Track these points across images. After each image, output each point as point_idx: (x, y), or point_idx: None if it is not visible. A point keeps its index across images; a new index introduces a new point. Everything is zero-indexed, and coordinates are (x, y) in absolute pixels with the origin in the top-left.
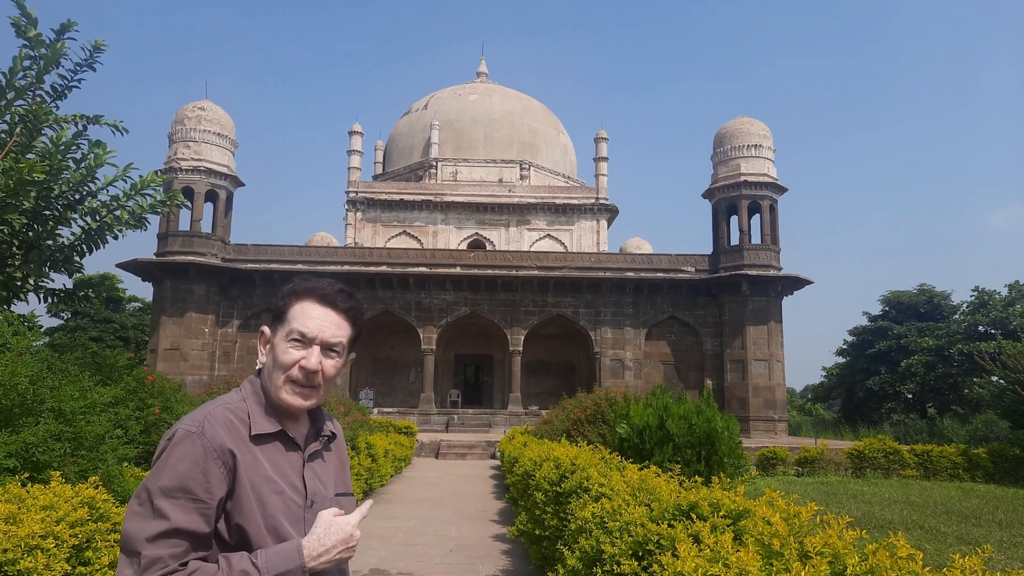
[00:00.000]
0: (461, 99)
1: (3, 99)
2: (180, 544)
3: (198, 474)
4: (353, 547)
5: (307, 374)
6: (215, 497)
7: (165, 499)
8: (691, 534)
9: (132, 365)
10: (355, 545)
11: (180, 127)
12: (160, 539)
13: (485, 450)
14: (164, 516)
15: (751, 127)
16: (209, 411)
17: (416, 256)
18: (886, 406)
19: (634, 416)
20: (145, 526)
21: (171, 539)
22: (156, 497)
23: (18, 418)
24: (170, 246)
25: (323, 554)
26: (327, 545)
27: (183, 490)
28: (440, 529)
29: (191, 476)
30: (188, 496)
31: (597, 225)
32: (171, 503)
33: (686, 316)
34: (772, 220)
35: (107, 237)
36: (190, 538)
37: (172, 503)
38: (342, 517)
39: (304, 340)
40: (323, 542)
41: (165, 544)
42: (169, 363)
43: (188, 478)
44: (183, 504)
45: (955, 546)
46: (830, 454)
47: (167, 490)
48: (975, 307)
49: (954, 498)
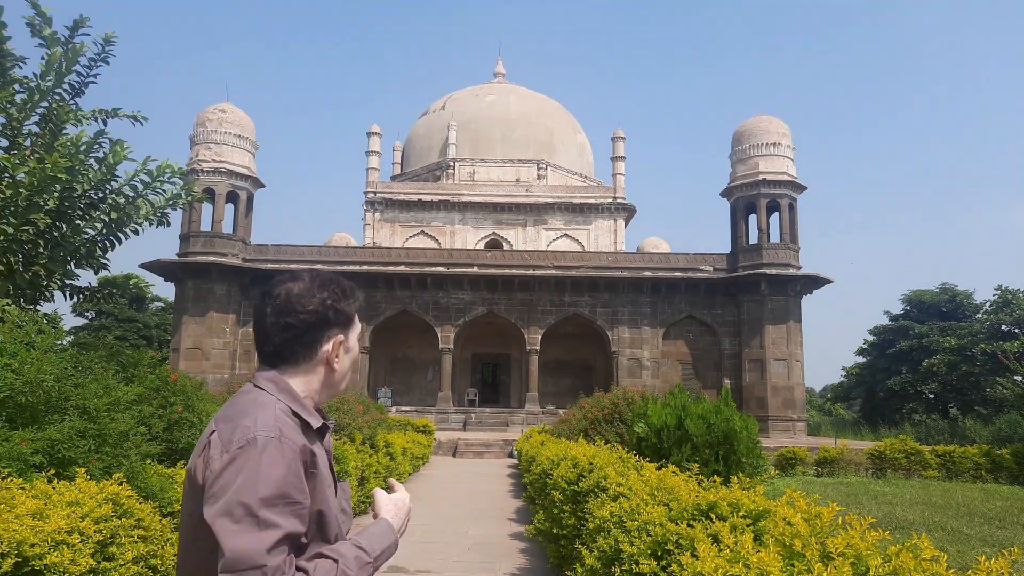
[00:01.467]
0: (478, 99)
1: (31, 102)
2: (287, 549)
3: (292, 477)
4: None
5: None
6: (307, 497)
7: (268, 509)
8: (710, 534)
9: (155, 363)
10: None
11: (201, 129)
12: (276, 547)
13: (502, 449)
14: (274, 525)
15: (770, 125)
16: (275, 414)
17: (434, 256)
18: (907, 406)
19: (652, 415)
20: (258, 539)
21: (283, 545)
22: (259, 509)
23: (44, 415)
24: (192, 247)
25: (401, 527)
26: (401, 518)
27: (282, 496)
28: (458, 527)
29: (287, 481)
30: (287, 501)
31: (614, 224)
32: (274, 512)
33: (704, 315)
34: (791, 219)
35: (128, 231)
36: (293, 542)
37: (275, 511)
38: (397, 494)
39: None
40: (399, 516)
41: (280, 552)
42: (191, 362)
43: (285, 483)
44: (283, 510)
45: (979, 548)
46: (850, 454)
47: (267, 500)
48: (998, 306)
49: (977, 499)
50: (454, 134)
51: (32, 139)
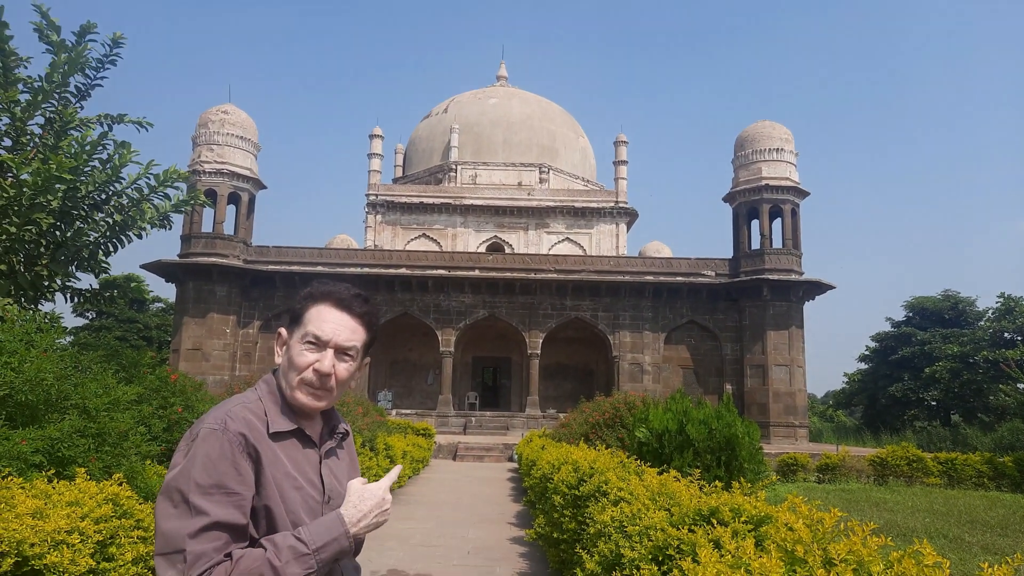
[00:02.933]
0: (481, 103)
1: (35, 102)
2: (221, 537)
3: (229, 468)
4: (387, 511)
5: (320, 377)
6: (249, 488)
7: (200, 496)
8: (712, 539)
9: (155, 364)
10: (388, 509)
11: (204, 130)
12: (202, 533)
13: (503, 453)
14: (203, 512)
15: (772, 130)
16: (228, 409)
17: (435, 259)
18: (909, 413)
19: (653, 420)
20: (185, 524)
21: (212, 532)
22: (191, 495)
23: (43, 414)
24: (193, 248)
25: (361, 519)
26: (363, 511)
27: (217, 485)
28: (458, 531)
29: (223, 471)
30: (222, 490)
31: (616, 228)
32: (207, 499)
33: (706, 320)
34: (794, 224)
35: (131, 235)
36: (230, 530)
37: (208, 499)
38: (372, 484)
39: (319, 343)
40: (360, 508)
41: (207, 538)
42: (191, 363)
43: (220, 472)
44: (219, 499)
45: (981, 556)
46: (852, 461)
47: (201, 487)
48: (1001, 313)
49: (979, 507)
50: (456, 137)
51: (35, 140)
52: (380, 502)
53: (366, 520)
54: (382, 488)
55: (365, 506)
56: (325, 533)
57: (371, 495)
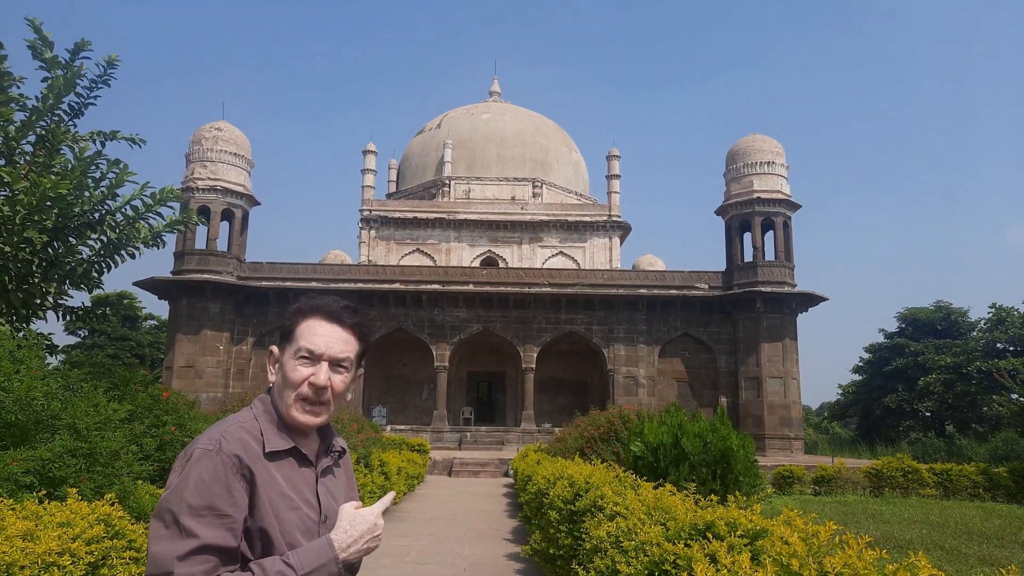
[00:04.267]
0: (474, 118)
1: (28, 122)
2: (210, 560)
3: (222, 490)
4: (378, 536)
5: (316, 390)
6: (241, 511)
7: (191, 518)
8: (708, 554)
9: (147, 382)
10: (380, 535)
11: (197, 147)
12: (191, 556)
13: (498, 468)
14: (193, 534)
15: (764, 144)
16: (223, 430)
17: (429, 273)
18: (904, 424)
19: (648, 434)
20: (174, 546)
21: (201, 555)
22: (182, 516)
23: (33, 434)
24: (186, 264)
25: (351, 545)
26: (354, 536)
27: (209, 507)
28: (453, 548)
29: (215, 492)
30: (214, 513)
31: (610, 242)
32: (197, 521)
33: (700, 333)
34: (786, 237)
35: (124, 254)
36: (220, 553)
37: (199, 521)
38: (365, 508)
39: (312, 357)
40: (350, 533)
41: (196, 561)
42: (184, 380)
43: (212, 495)
44: (210, 521)
45: (977, 567)
46: (847, 473)
47: (192, 509)
48: (993, 324)
49: (975, 518)
50: (449, 152)
51: (27, 158)
52: (372, 527)
53: (356, 545)
54: (374, 513)
55: (356, 531)
56: (314, 559)
57: (363, 520)
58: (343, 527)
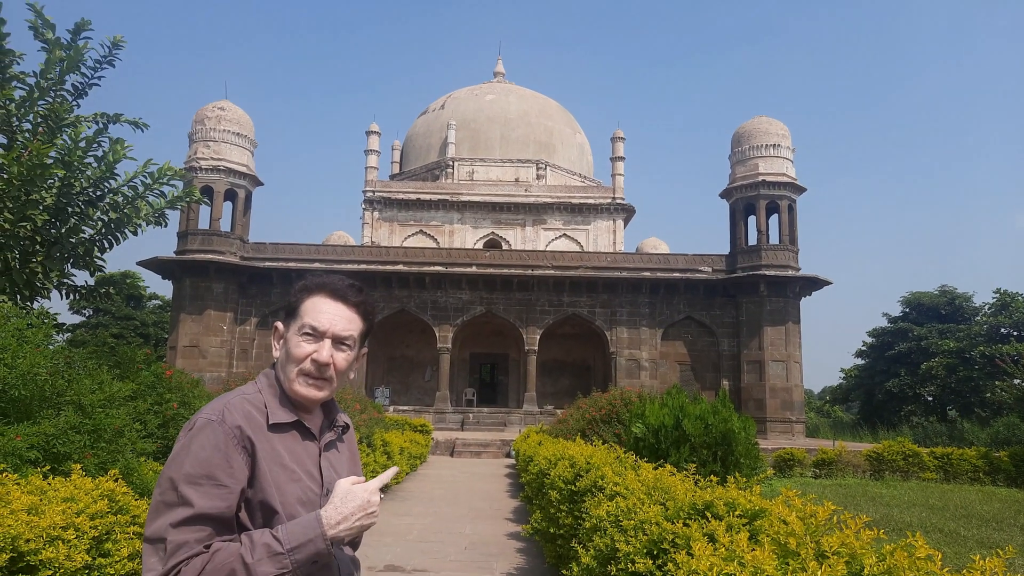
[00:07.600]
0: (478, 99)
1: (30, 99)
2: (204, 529)
3: (221, 459)
4: (373, 513)
5: (319, 367)
6: (239, 482)
7: (188, 486)
8: (706, 533)
9: (150, 360)
10: (375, 511)
11: (200, 127)
12: (184, 524)
13: (500, 449)
14: (188, 502)
15: (769, 126)
16: (228, 401)
17: (432, 255)
18: (906, 408)
19: (650, 416)
20: (170, 513)
21: (196, 524)
22: (180, 484)
23: (38, 410)
24: (190, 244)
25: (342, 521)
26: (345, 512)
27: (207, 476)
28: (455, 527)
29: (214, 462)
30: (212, 482)
31: (613, 225)
32: (195, 489)
33: (703, 316)
34: (790, 220)
35: (127, 231)
36: (214, 523)
37: (196, 489)
38: (359, 484)
39: (316, 334)
40: (341, 510)
41: (190, 529)
42: (188, 360)
43: (211, 464)
44: (207, 490)
45: (975, 549)
46: (848, 456)
47: (190, 477)
48: (997, 309)
49: (974, 502)
50: (453, 133)
51: (26, 136)
52: (364, 504)
53: (347, 523)
54: (368, 490)
55: (347, 508)
56: (301, 534)
57: (355, 497)
58: (334, 503)
